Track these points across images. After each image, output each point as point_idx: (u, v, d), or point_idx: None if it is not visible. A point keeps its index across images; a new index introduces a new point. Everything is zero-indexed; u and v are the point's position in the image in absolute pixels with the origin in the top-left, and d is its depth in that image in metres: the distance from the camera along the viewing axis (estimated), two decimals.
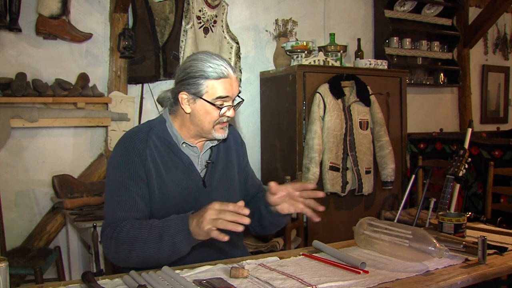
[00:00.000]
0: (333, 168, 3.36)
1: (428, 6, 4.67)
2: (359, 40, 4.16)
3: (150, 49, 3.33)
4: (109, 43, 3.23)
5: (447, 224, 1.71)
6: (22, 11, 2.89)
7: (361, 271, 1.34)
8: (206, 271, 1.37)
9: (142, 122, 3.28)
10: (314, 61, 3.54)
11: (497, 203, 3.24)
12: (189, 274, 1.34)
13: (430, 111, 4.88)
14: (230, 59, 3.64)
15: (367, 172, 3.51)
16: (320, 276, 1.32)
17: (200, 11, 3.48)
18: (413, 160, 4.00)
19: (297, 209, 1.50)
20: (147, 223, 1.41)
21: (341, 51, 3.76)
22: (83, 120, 3.03)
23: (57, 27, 2.96)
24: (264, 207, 1.60)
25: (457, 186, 3.04)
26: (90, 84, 3.13)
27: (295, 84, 3.40)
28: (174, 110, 1.60)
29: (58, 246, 3.00)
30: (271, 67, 3.83)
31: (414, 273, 1.34)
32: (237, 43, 3.67)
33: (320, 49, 3.77)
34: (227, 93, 1.50)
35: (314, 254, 1.52)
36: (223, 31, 3.62)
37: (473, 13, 5.03)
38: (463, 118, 5.08)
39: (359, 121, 3.51)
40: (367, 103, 3.55)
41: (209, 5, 3.51)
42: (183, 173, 1.55)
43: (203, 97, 1.50)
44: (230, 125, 1.75)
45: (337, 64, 3.66)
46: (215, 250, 1.57)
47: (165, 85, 3.43)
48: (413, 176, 3.28)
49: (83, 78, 3.10)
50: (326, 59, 3.59)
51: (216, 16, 3.57)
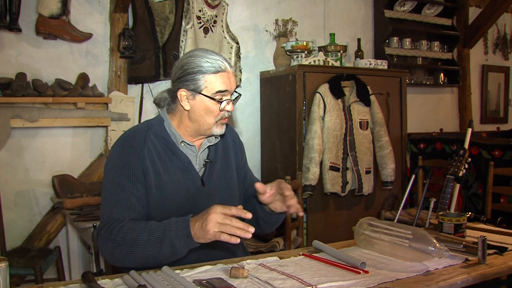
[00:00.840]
0: (333, 168, 3.36)
1: (428, 6, 4.67)
2: (359, 40, 4.17)
3: (150, 49, 3.33)
4: (109, 43, 3.23)
5: (447, 224, 1.71)
6: (22, 11, 2.89)
7: (361, 271, 1.34)
8: (206, 271, 1.37)
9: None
10: (314, 61, 3.54)
11: (497, 203, 3.24)
12: (189, 274, 1.34)
13: (430, 111, 4.88)
14: (230, 59, 3.64)
15: (367, 172, 3.51)
16: (320, 276, 1.32)
17: (200, 11, 3.48)
18: (413, 160, 4.00)
19: (288, 207, 1.50)
20: (146, 225, 1.41)
21: (341, 51, 3.76)
22: (83, 120, 3.03)
23: (57, 27, 2.96)
24: (259, 206, 1.61)
25: (457, 186, 3.04)
26: (90, 84, 3.13)
27: (295, 84, 3.40)
28: (172, 109, 1.60)
29: (58, 246, 3.00)
30: (271, 67, 3.83)
31: (414, 273, 1.34)
32: (237, 43, 3.67)
33: (320, 49, 3.77)
34: (226, 87, 1.52)
35: (314, 254, 1.52)
36: (223, 31, 3.62)
37: (473, 13, 5.03)
38: (463, 118, 5.08)
39: (359, 121, 3.51)
40: (367, 103, 3.55)
41: (209, 5, 3.51)
42: (182, 172, 1.55)
43: (202, 92, 1.51)
44: (227, 124, 1.75)
45: (337, 64, 3.66)
46: (215, 250, 1.57)
47: (165, 85, 3.43)
48: (413, 176, 3.28)
49: (83, 78, 3.10)
50: (326, 59, 3.59)
51: (216, 16, 3.57)
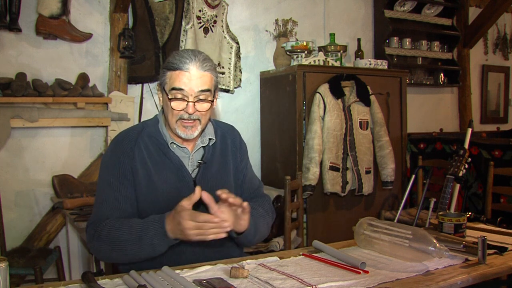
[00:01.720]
0: (333, 168, 3.36)
1: (428, 6, 4.67)
2: (359, 40, 4.17)
3: (150, 49, 3.33)
4: (109, 43, 3.23)
5: (447, 224, 1.71)
6: (22, 11, 2.89)
7: (361, 271, 1.34)
8: (206, 271, 1.37)
9: (144, 120, 3.31)
10: (314, 61, 3.54)
11: (497, 203, 3.24)
12: (189, 274, 1.34)
13: (430, 111, 4.88)
14: (230, 59, 3.65)
15: (367, 172, 3.51)
16: (320, 276, 1.32)
17: (200, 11, 3.48)
18: (413, 160, 4.00)
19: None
20: (128, 223, 1.44)
21: (341, 51, 3.76)
22: (83, 120, 3.03)
23: (57, 27, 2.96)
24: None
25: (457, 186, 3.04)
26: (90, 84, 3.13)
27: (295, 84, 3.40)
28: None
29: (58, 246, 3.00)
30: (271, 67, 3.83)
31: (414, 273, 1.34)
32: (237, 43, 3.67)
33: (320, 49, 3.77)
34: (182, 85, 1.47)
35: (314, 254, 1.52)
36: (223, 31, 3.62)
37: (473, 13, 5.03)
38: (463, 118, 5.08)
39: (359, 121, 3.51)
40: (367, 103, 3.55)
41: (209, 5, 3.51)
42: (173, 173, 1.55)
43: (164, 88, 1.52)
44: (230, 126, 1.76)
45: (337, 64, 3.66)
46: (215, 250, 1.57)
47: None
48: (413, 176, 3.28)
49: (83, 78, 3.10)
50: (326, 59, 3.59)
51: (216, 16, 3.57)
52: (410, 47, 4.58)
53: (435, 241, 1.38)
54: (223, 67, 3.63)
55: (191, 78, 1.47)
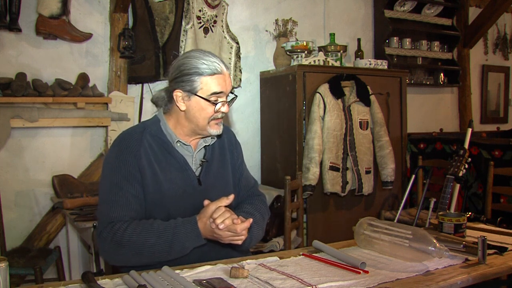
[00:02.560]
0: (333, 168, 3.36)
1: (428, 6, 4.67)
2: (359, 40, 4.17)
3: (150, 49, 3.33)
4: (109, 43, 3.23)
5: (447, 224, 1.71)
6: (22, 11, 2.89)
7: (361, 271, 1.34)
8: (206, 271, 1.37)
9: (142, 121, 3.31)
10: (314, 61, 3.54)
11: (497, 203, 3.24)
12: (189, 274, 1.34)
13: (430, 111, 4.88)
14: (230, 59, 3.65)
15: (367, 172, 3.51)
16: (320, 276, 1.32)
17: (200, 11, 3.48)
18: (413, 160, 4.00)
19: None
20: (151, 226, 1.44)
21: (341, 51, 3.76)
22: (83, 120, 3.03)
23: (57, 27, 2.96)
24: None
25: (457, 186, 3.04)
26: (90, 84, 3.13)
27: (295, 84, 3.40)
28: (169, 109, 1.62)
29: (58, 246, 3.00)
30: (271, 67, 3.83)
31: (414, 273, 1.34)
32: (237, 43, 3.67)
33: (320, 49, 3.77)
34: (221, 89, 1.53)
35: (314, 254, 1.52)
36: (223, 31, 3.62)
37: (473, 13, 5.03)
38: (463, 118, 5.08)
39: (359, 121, 3.51)
40: (367, 103, 3.55)
41: (209, 5, 3.51)
42: (178, 171, 1.57)
43: (197, 93, 1.52)
44: (224, 125, 1.77)
45: (337, 64, 3.66)
46: (215, 250, 1.57)
47: (165, 85, 3.40)
48: (413, 176, 3.28)
49: (83, 78, 3.10)
50: (326, 59, 3.59)
51: (216, 16, 3.57)
52: (410, 47, 4.58)
53: (435, 241, 1.38)
54: None
55: (225, 79, 1.55)
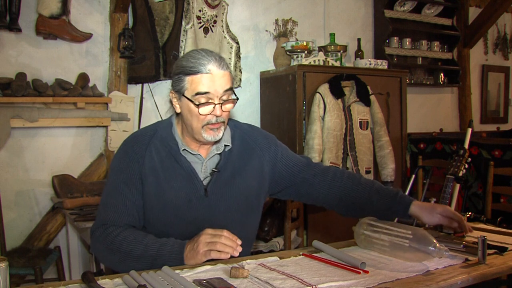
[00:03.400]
0: None
1: (428, 6, 4.67)
2: (359, 40, 4.17)
3: (150, 49, 3.33)
4: (109, 43, 3.23)
5: None
6: (22, 11, 2.89)
7: (361, 271, 1.34)
8: (206, 271, 1.37)
9: (141, 122, 3.31)
10: (314, 61, 3.54)
11: (497, 203, 3.24)
12: (189, 274, 1.34)
13: (430, 111, 4.88)
14: (230, 59, 3.65)
15: (367, 172, 3.51)
16: (320, 276, 1.32)
17: (200, 11, 3.48)
18: (413, 160, 4.00)
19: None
20: (142, 239, 1.42)
21: (341, 51, 3.76)
22: (83, 120, 3.03)
23: (57, 27, 2.96)
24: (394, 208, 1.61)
25: (457, 186, 3.04)
26: (90, 84, 3.13)
27: (295, 84, 3.40)
28: (176, 113, 1.54)
29: (58, 246, 3.00)
30: (271, 67, 3.83)
31: (414, 273, 1.34)
32: (237, 43, 3.67)
33: (320, 49, 3.78)
34: (207, 89, 1.40)
35: (314, 254, 1.52)
36: (223, 31, 3.62)
37: (473, 13, 5.03)
38: (463, 118, 5.08)
39: (359, 121, 3.51)
40: (367, 103, 3.55)
41: (209, 5, 3.51)
42: (184, 180, 1.50)
43: (184, 94, 1.43)
44: (249, 126, 1.67)
45: (337, 64, 3.66)
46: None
47: (165, 85, 3.43)
48: (413, 176, 3.27)
49: (83, 78, 3.10)
50: (326, 59, 3.59)
51: (216, 16, 3.57)
52: (410, 47, 4.58)
53: (435, 241, 1.38)
54: None
55: (214, 79, 1.41)
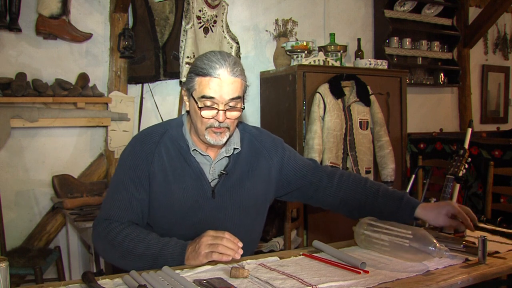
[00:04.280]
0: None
1: (428, 6, 4.67)
2: (359, 40, 4.17)
3: (150, 49, 3.33)
4: (109, 43, 3.23)
5: None
6: (22, 11, 2.89)
7: (361, 271, 1.34)
8: (206, 271, 1.37)
9: (141, 122, 3.31)
10: (314, 61, 3.54)
11: (497, 203, 3.24)
12: (189, 274, 1.34)
13: (430, 111, 4.88)
14: None
15: (367, 172, 3.51)
16: (320, 276, 1.32)
17: (200, 11, 3.48)
18: (413, 160, 4.00)
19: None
20: (145, 237, 1.42)
21: (341, 51, 3.76)
22: (83, 120, 3.03)
23: (57, 27, 2.96)
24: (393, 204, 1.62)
25: (457, 186, 3.04)
26: (90, 84, 3.13)
27: (295, 84, 3.40)
28: (187, 111, 1.54)
29: (58, 246, 3.00)
30: (271, 67, 3.83)
31: (414, 273, 1.34)
32: (237, 43, 3.67)
33: (320, 49, 3.78)
34: (213, 93, 1.39)
35: (314, 254, 1.52)
36: (223, 31, 3.61)
37: (473, 13, 5.03)
38: (463, 118, 5.08)
39: (359, 121, 3.51)
40: (367, 103, 3.55)
41: (209, 5, 3.51)
42: (192, 180, 1.50)
43: (192, 94, 1.43)
44: (257, 129, 1.67)
45: (337, 64, 3.66)
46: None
47: (165, 85, 3.43)
48: (413, 176, 3.27)
49: (83, 78, 3.10)
50: (326, 59, 3.59)
51: (216, 16, 3.57)
52: (410, 47, 4.58)
53: (435, 241, 1.38)
54: None
55: (222, 85, 1.39)
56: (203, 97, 1.40)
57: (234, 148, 1.55)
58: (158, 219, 1.52)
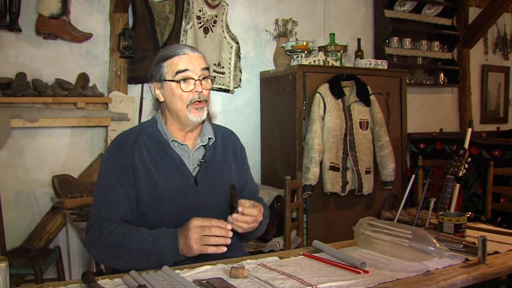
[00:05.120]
0: (333, 168, 3.36)
1: (428, 6, 4.67)
2: (359, 40, 4.17)
3: (150, 49, 3.33)
4: (109, 43, 3.23)
5: (447, 224, 1.71)
6: (22, 11, 2.89)
7: (361, 271, 1.34)
8: (206, 271, 1.37)
9: (141, 122, 3.31)
10: (314, 61, 3.54)
11: (497, 203, 3.24)
12: (189, 274, 1.34)
13: (430, 111, 4.88)
14: (230, 59, 3.65)
15: (367, 172, 3.51)
16: (320, 276, 1.32)
17: (200, 11, 3.48)
18: (413, 160, 4.00)
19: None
20: (136, 232, 1.43)
21: (341, 51, 3.76)
22: (83, 120, 3.03)
23: (57, 27, 2.96)
24: None
25: (457, 186, 3.04)
26: (90, 84, 3.13)
27: (295, 84, 3.40)
28: (160, 107, 1.64)
29: (58, 246, 3.00)
30: (271, 67, 3.83)
31: (414, 273, 1.34)
32: (237, 43, 3.67)
33: (320, 49, 3.77)
34: (186, 66, 1.53)
35: (314, 254, 1.52)
36: (223, 31, 3.62)
37: (473, 13, 5.03)
38: (463, 118, 5.08)
39: (359, 121, 3.51)
40: (367, 103, 3.55)
41: (209, 5, 3.51)
42: (174, 171, 1.55)
43: (166, 78, 1.54)
44: (230, 130, 1.79)
45: (337, 64, 3.66)
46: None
47: None
48: (413, 176, 3.28)
49: (83, 78, 3.10)
50: (326, 59, 3.59)
51: (216, 16, 3.57)
52: (410, 47, 4.58)
53: (435, 241, 1.38)
54: (223, 67, 3.63)
55: (191, 59, 1.54)
56: (178, 72, 1.53)
57: (209, 138, 1.64)
58: (145, 211, 1.54)
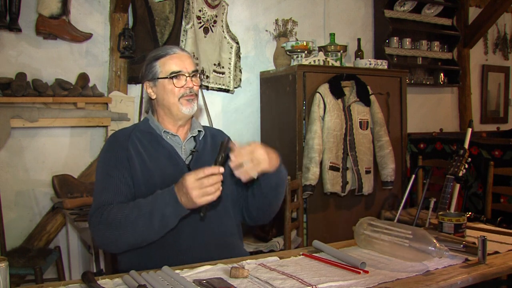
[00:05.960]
0: (333, 168, 3.36)
1: (428, 6, 4.67)
2: (359, 40, 4.16)
3: (150, 49, 3.32)
4: (109, 43, 3.23)
5: (447, 224, 1.71)
6: (22, 11, 2.89)
7: (361, 271, 1.34)
8: (206, 271, 1.37)
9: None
10: (314, 61, 3.54)
11: (497, 203, 3.24)
12: (189, 274, 1.34)
13: (430, 111, 4.88)
14: (230, 59, 3.65)
15: (367, 172, 3.51)
16: (320, 276, 1.32)
17: (200, 11, 3.48)
18: (413, 160, 4.00)
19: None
20: (134, 204, 1.48)
21: (341, 51, 3.76)
22: (83, 120, 3.03)
23: (57, 27, 2.96)
24: (250, 188, 1.67)
25: (457, 186, 3.04)
26: (90, 84, 3.13)
27: (295, 84, 3.40)
28: (152, 105, 1.71)
29: (58, 246, 3.00)
30: (271, 67, 3.83)
31: (414, 273, 1.34)
32: (237, 43, 3.67)
33: (320, 49, 3.77)
34: (179, 67, 1.62)
35: (314, 254, 1.52)
36: (223, 31, 3.62)
37: (473, 13, 5.03)
38: (463, 118, 5.08)
39: (359, 121, 3.51)
40: (367, 103, 3.55)
41: (209, 5, 3.51)
42: (167, 159, 1.62)
43: (159, 76, 1.62)
44: (219, 129, 1.86)
45: (337, 64, 3.66)
46: (215, 250, 1.57)
47: None
48: (413, 176, 3.28)
49: (83, 78, 3.10)
50: (326, 59, 3.59)
51: (216, 16, 3.57)
52: (410, 47, 4.58)
53: (435, 241, 1.38)
54: (223, 67, 3.63)
55: (182, 59, 1.64)
56: (172, 73, 1.62)
57: (199, 131, 1.72)
58: (140, 198, 1.55)
